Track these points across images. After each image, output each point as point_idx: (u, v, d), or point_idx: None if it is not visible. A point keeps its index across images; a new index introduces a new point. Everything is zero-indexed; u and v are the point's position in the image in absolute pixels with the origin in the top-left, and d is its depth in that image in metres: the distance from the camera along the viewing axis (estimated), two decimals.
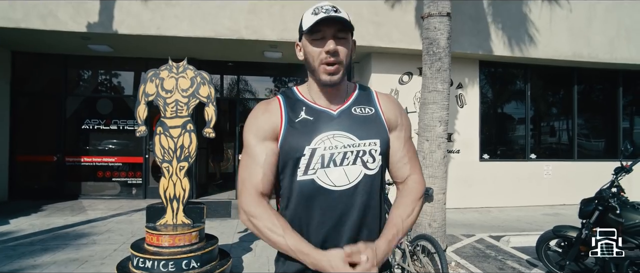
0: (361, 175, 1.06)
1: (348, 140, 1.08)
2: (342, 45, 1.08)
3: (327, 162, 1.05)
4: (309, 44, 1.09)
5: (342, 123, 1.10)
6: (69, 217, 5.84)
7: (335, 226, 1.05)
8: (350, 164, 1.06)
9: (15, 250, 4.24)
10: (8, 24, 5.57)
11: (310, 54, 1.10)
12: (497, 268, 4.03)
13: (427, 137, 3.54)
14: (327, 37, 1.07)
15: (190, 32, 5.92)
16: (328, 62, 1.07)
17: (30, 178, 7.21)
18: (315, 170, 1.05)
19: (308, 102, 1.15)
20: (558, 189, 7.48)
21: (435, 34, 3.48)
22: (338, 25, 1.07)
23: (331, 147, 1.06)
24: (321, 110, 1.13)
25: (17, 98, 7.11)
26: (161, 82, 3.50)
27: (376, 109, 1.16)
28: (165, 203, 3.47)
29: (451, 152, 7.16)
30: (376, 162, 1.09)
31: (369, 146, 1.08)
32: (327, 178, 1.05)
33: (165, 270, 3.17)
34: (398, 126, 1.18)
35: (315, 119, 1.11)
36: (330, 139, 1.07)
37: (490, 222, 6.16)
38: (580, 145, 8.08)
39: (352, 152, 1.06)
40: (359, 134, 1.09)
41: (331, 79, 1.09)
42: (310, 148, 1.06)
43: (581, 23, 7.25)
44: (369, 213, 1.07)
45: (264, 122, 1.12)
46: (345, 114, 1.13)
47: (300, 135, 1.08)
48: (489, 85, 7.88)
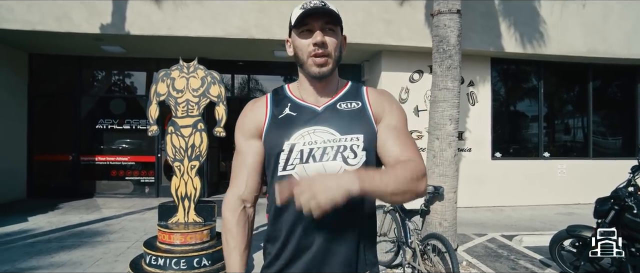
0: (341, 171, 1.01)
1: (329, 136, 1.05)
2: (330, 37, 1.07)
3: (306, 157, 1.03)
4: (297, 37, 1.08)
5: (325, 118, 1.08)
6: (84, 215, 5.96)
7: (314, 222, 0.99)
8: (330, 160, 1.02)
9: (33, 247, 4.35)
10: (25, 26, 5.71)
11: (298, 47, 1.09)
12: (509, 268, 3.98)
13: (438, 136, 3.51)
14: (315, 30, 1.06)
15: (200, 32, 5.98)
16: (316, 54, 1.06)
17: (47, 177, 7.38)
18: (294, 165, 1.03)
19: (295, 98, 1.15)
20: (573, 188, 7.34)
21: (445, 32, 3.44)
22: (326, 17, 1.06)
23: (311, 142, 1.04)
24: (305, 106, 1.12)
25: (34, 99, 7.29)
26: (172, 82, 3.54)
27: (363, 103, 1.13)
28: (176, 201, 3.51)
29: (462, 150, 7.09)
30: (358, 158, 1.04)
31: (350, 141, 1.04)
32: (305, 173, 1.02)
33: (177, 267, 3.22)
34: (386, 115, 1.12)
35: (297, 114, 1.10)
36: (311, 134, 1.05)
37: (502, 221, 6.08)
38: (596, 143, 7.91)
39: (332, 147, 1.03)
40: (341, 129, 1.06)
41: (320, 70, 1.07)
42: (290, 143, 1.05)
43: (596, 18, 7.09)
44: (349, 210, 0.99)
45: (250, 121, 1.14)
46: (329, 109, 1.11)
47: (280, 131, 1.08)
48: (500, 83, 7.77)
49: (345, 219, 1.03)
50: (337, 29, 1.09)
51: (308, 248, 1.04)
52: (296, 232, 1.04)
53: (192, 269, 3.25)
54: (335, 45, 1.08)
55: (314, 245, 1.03)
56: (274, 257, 1.08)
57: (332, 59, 1.08)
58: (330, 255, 1.04)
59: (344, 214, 0.99)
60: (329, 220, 1.00)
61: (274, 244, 1.09)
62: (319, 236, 1.03)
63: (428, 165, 3.73)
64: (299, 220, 1.03)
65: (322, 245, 1.03)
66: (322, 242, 1.03)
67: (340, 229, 1.04)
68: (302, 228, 1.03)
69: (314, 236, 1.03)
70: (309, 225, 1.02)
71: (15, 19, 5.68)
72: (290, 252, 1.06)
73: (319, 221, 0.99)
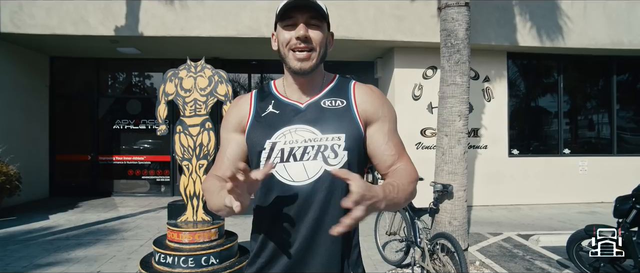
0: (321, 171, 1.00)
1: (310, 134, 1.03)
2: (315, 31, 1.03)
3: (286, 156, 1.02)
4: (282, 30, 1.06)
5: (307, 117, 1.06)
6: (102, 213, 6.12)
7: (292, 221, 1.01)
8: (310, 159, 1.01)
9: (52, 244, 4.49)
10: (45, 31, 5.91)
11: (280, 40, 1.06)
12: (524, 268, 3.86)
13: (446, 132, 3.43)
14: (298, 23, 1.03)
15: (212, 32, 6.04)
16: (298, 48, 1.03)
17: (67, 177, 7.62)
18: (275, 164, 1.02)
19: (279, 95, 1.13)
20: (595, 186, 7.06)
21: (453, 25, 3.35)
22: (311, 11, 1.02)
23: (292, 141, 1.02)
24: (288, 104, 1.10)
25: (55, 101, 7.54)
26: (180, 82, 3.58)
27: (348, 101, 1.09)
28: (185, 200, 3.55)
29: (478, 147, 6.93)
30: (339, 158, 1.01)
31: (331, 141, 1.02)
32: (286, 173, 1.01)
33: (185, 265, 3.25)
34: (379, 118, 1.10)
35: (280, 112, 1.08)
36: (292, 133, 1.03)
37: (519, 220, 5.91)
38: (622, 139, 7.58)
39: (313, 146, 1.01)
40: (322, 128, 1.03)
41: (301, 66, 1.04)
42: (271, 142, 1.03)
43: (621, 8, 6.78)
44: (329, 211, 1.00)
45: (232, 116, 1.14)
46: (312, 107, 1.08)
47: (262, 129, 1.06)
48: (518, 78, 7.54)
49: (330, 218, 1.00)
50: (323, 25, 1.06)
51: (289, 247, 1.01)
52: (277, 230, 1.03)
53: (200, 267, 3.27)
54: (320, 41, 1.05)
55: (295, 244, 1.01)
56: (255, 255, 1.07)
57: (316, 54, 1.05)
58: (311, 255, 1.01)
59: (330, 213, 0.99)
60: (311, 218, 1.00)
61: (255, 242, 1.08)
62: (300, 235, 1.01)
63: (437, 162, 3.65)
64: (279, 219, 1.02)
65: (303, 245, 1.01)
66: (303, 241, 1.01)
67: (323, 229, 1.00)
68: (282, 227, 1.02)
69: (296, 235, 1.01)
70: (290, 223, 1.01)
71: (35, 24, 5.89)
72: (270, 250, 1.04)
73: (301, 219, 1.00)
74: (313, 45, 1.04)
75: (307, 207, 1.00)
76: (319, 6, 1.03)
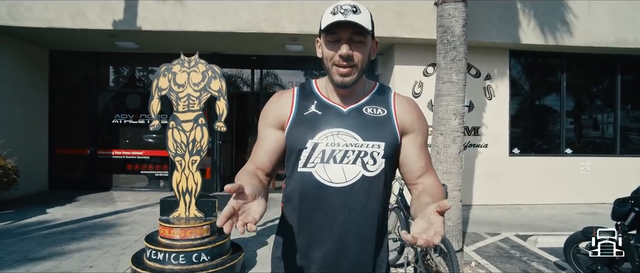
0: (359, 175, 1.05)
1: (351, 139, 1.07)
2: (357, 48, 1.06)
3: (327, 157, 1.06)
4: (325, 44, 1.09)
5: (349, 121, 1.10)
6: (99, 207, 6.12)
7: (326, 221, 1.06)
8: (349, 163, 1.06)
9: (47, 238, 4.49)
10: (42, 24, 5.88)
11: (324, 54, 1.11)
12: (520, 269, 3.80)
13: (442, 131, 3.37)
14: (342, 40, 1.05)
15: (210, 27, 5.99)
16: (341, 65, 1.07)
17: (66, 171, 7.63)
18: (314, 164, 1.07)
19: (321, 96, 1.17)
20: (597, 186, 6.97)
21: (450, 22, 3.28)
22: (354, 28, 1.05)
23: (333, 143, 1.07)
24: (331, 106, 1.14)
25: (54, 94, 7.53)
26: (173, 77, 3.54)
27: (389, 111, 1.14)
28: (178, 196, 3.53)
29: (478, 146, 6.85)
30: (377, 165, 1.07)
31: (371, 148, 1.07)
32: (325, 173, 1.06)
33: (176, 262, 3.23)
34: (415, 131, 1.15)
35: (323, 113, 1.12)
36: (334, 136, 1.08)
37: (518, 220, 5.84)
38: (626, 139, 7.47)
39: (354, 151, 1.06)
40: (363, 134, 1.08)
41: (343, 80, 1.08)
42: (313, 142, 1.07)
43: (626, 6, 6.65)
44: (364, 214, 1.06)
45: (273, 111, 1.17)
46: (354, 112, 1.13)
47: (305, 129, 1.10)
48: (520, 76, 7.44)
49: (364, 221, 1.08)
50: (367, 38, 1.09)
51: (323, 245, 1.08)
52: (310, 229, 1.09)
53: (191, 264, 3.26)
54: (362, 58, 1.08)
55: (327, 243, 1.07)
56: (285, 249, 1.14)
57: (358, 70, 1.09)
58: (344, 257, 1.08)
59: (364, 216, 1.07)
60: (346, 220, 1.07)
61: (282, 237, 1.14)
62: (334, 235, 1.07)
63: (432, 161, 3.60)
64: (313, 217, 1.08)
65: (337, 245, 1.07)
66: (336, 241, 1.07)
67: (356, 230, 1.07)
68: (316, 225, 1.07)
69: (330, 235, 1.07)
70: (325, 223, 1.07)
71: (33, 17, 5.86)
72: (304, 248, 1.10)
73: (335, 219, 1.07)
74: (355, 62, 1.07)
75: (343, 207, 1.06)
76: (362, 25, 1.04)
